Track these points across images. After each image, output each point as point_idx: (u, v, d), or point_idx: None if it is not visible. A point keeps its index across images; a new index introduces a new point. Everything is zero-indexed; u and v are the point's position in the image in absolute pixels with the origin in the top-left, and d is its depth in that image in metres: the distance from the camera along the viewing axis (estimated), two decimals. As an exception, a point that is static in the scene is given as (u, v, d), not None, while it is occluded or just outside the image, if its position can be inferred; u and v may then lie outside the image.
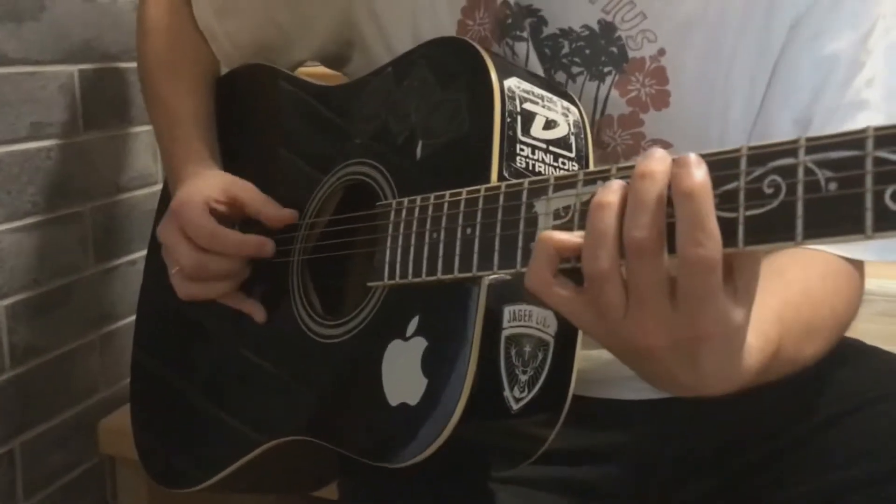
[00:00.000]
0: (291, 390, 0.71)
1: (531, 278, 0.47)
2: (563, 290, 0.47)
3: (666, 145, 0.68)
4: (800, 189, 0.40)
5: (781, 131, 0.67)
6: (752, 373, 0.49)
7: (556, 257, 0.46)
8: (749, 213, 0.42)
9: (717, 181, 0.43)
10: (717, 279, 0.42)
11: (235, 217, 0.74)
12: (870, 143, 0.39)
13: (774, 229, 0.41)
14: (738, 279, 0.44)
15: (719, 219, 0.43)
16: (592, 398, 0.73)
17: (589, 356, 0.73)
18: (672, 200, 0.43)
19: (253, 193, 0.73)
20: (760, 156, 0.42)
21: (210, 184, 0.73)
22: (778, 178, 0.41)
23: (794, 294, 0.58)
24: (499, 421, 0.58)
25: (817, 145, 0.40)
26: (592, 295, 0.46)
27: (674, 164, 0.43)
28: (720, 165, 0.44)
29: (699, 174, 0.42)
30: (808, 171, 0.40)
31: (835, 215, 0.39)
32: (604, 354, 0.73)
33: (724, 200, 0.43)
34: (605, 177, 0.49)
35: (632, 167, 0.48)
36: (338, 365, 0.66)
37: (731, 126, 0.68)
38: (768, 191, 0.42)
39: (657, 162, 0.43)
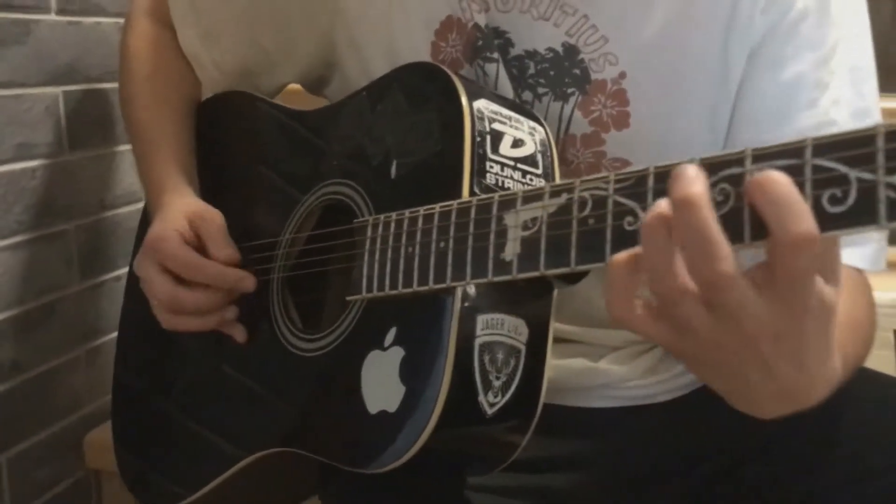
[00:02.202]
0: (274, 404, 0.72)
1: (614, 308, 0.46)
2: (643, 310, 0.45)
3: (626, 164, 0.71)
4: (747, 196, 0.43)
5: None
6: (840, 369, 0.48)
7: (633, 280, 0.45)
8: (702, 219, 0.44)
9: (671, 191, 0.46)
10: (815, 254, 0.41)
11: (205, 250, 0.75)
12: (808, 152, 0.41)
13: (727, 233, 0.43)
14: (823, 262, 0.43)
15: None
16: (562, 406, 0.75)
17: (559, 365, 0.75)
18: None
19: (212, 227, 0.74)
20: (712, 165, 0.45)
21: (179, 217, 0.74)
22: (727, 186, 0.44)
23: None
24: (474, 425, 0.60)
25: (762, 154, 0.43)
26: (668, 312, 0.44)
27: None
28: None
29: (769, 174, 0.41)
30: None
31: (779, 219, 0.42)
32: (574, 364, 0.76)
33: (679, 209, 0.46)
34: (569, 188, 0.52)
35: (596, 178, 0.50)
36: (319, 376, 0.68)
37: (692, 148, 0.69)
38: (719, 198, 0.44)
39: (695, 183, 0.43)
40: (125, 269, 1.09)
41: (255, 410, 0.74)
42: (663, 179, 0.47)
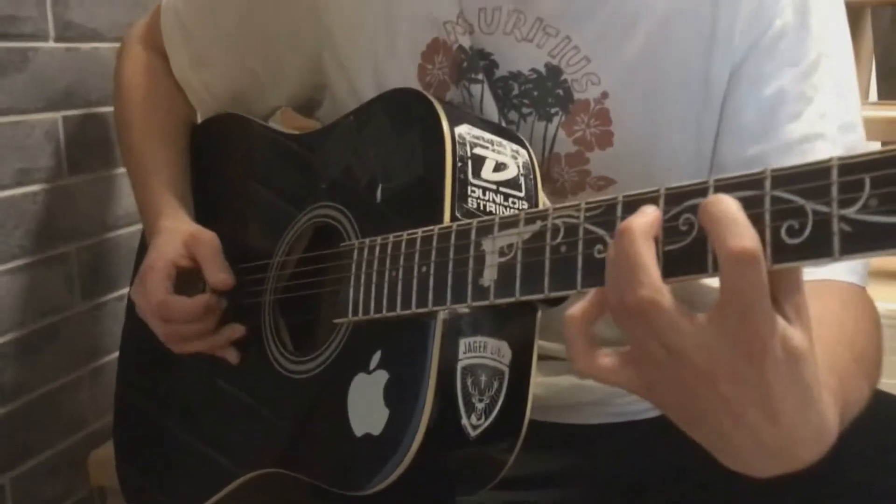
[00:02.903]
0: (265, 424, 0.73)
1: (578, 363, 0.47)
2: (607, 359, 0.46)
3: (610, 182, 0.71)
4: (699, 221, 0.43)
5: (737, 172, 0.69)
6: (835, 422, 0.46)
7: (586, 327, 0.47)
8: (667, 248, 0.45)
9: (638, 220, 0.47)
10: (764, 274, 0.41)
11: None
12: (767, 184, 0.42)
13: (689, 263, 0.44)
14: (785, 302, 0.43)
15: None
16: (552, 423, 0.76)
17: (547, 383, 0.76)
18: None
19: (207, 250, 0.76)
20: (676, 196, 0.46)
21: (175, 240, 0.76)
22: (691, 216, 0.44)
23: (829, 331, 0.55)
24: (458, 447, 0.61)
25: (724, 185, 0.44)
26: (634, 345, 0.45)
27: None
28: (641, 205, 0.47)
29: (714, 196, 0.43)
30: None
31: (741, 248, 0.42)
32: (562, 381, 0.76)
33: (645, 238, 0.46)
34: (542, 216, 0.53)
35: (568, 206, 0.51)
36: (307, 399, 0.69)
37: (678, 166, 0.70)
38: (683, 228, 0.45)
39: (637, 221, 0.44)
40: (127, 289, 1.11)
41: (250, 430, 0.75)
42: (631, 208, 0.47)
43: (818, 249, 0.40)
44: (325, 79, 0.80)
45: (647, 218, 0.44)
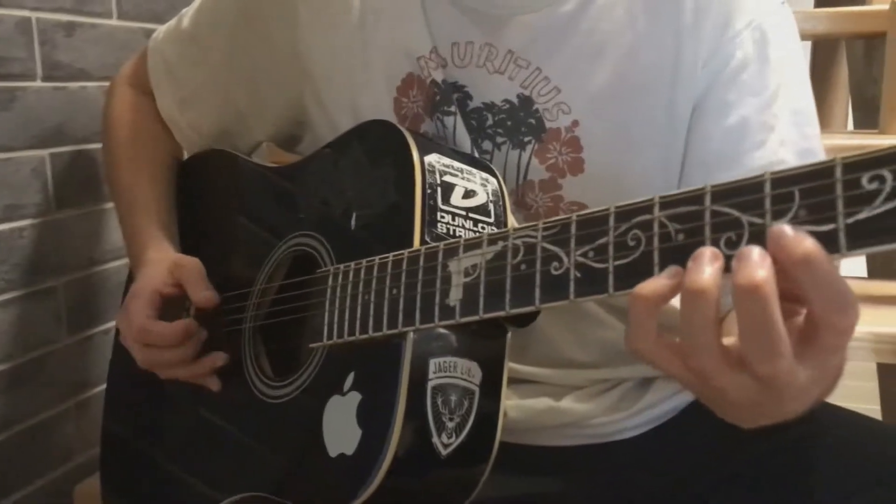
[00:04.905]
0: (246, 450, 0.75)
1: (635, 342, 0.47)
2: (668, 353, 0.47)
3: (582, 207, 0.73)
4: (655, 241, 0.46)
5: None
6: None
7: (656, 309, 0.46)
8: (617, 262, 0.47)
9: (590, 237, 0.49)
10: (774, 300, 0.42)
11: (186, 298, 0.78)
12: (707, 199, 0.44)
13: (638, 276, 0.47)
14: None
15: (593, 269, 0.49)
16: (528, 446, 0.77)
17: (523, 405, 0.77)
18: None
19: (192, 274, 0.77)
20: (625, 213, 0.48)
21: (160, 270, 0.78)
22: (639, 232, 0.47)
23: None
24: (430, 466, 0.62)
25: (668, 202, 0.46)
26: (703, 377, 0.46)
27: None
28: (593, 223, 0.49)
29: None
30: (661, 225, 0.46)
31: (684, 262, 0.44)
32: (537, 403, 0.78)
33: (598, 253, 0.49)
34: (504, 237, 0.55)
35: (527, 226, 0.53)
36: (285, 422, 0.71)
37: (647, 190, 0.71)
38: (632, 243, 0.47)
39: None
40: (113, 323, 1.13)
41: (232, 456, 0.76)
42: (584, 227, 0.50)
43: (754, 259, 0.42)
44: (305, 115, 0.83)
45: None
